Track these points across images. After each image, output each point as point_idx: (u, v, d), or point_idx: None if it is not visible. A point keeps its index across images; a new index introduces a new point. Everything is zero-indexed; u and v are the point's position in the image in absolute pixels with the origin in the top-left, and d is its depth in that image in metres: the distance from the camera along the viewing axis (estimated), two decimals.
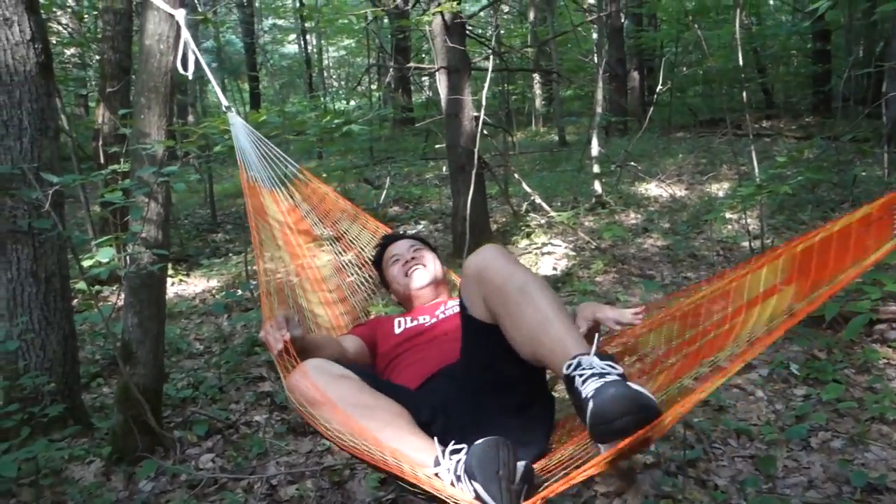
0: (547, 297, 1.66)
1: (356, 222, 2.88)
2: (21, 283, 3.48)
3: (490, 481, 1.40)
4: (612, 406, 1.34)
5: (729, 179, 8.81)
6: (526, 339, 1.66)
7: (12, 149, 3.39)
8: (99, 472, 3.26)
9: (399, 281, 2.53)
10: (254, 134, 2.83)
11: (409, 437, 1.66)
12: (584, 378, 1.44)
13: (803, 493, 2.73)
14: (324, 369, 1.76)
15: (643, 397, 1.35)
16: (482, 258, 1.76)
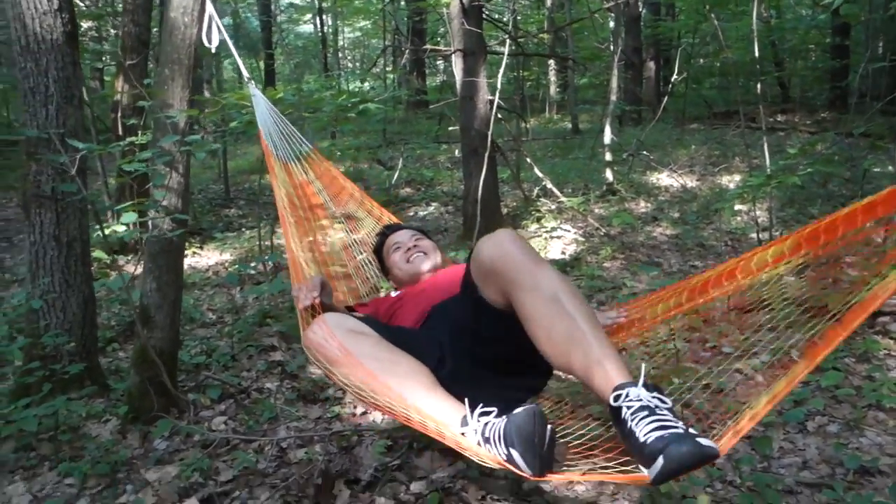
0: (581, 311, 1.64)
1: (362, 207, 2.99)
2: (43, 246, 3.58)
3: (528, 449, 1.47)
4: (683, 463, 1.34)
5: (741, 172, 8.84)
6: (558, 352, 1.65)
7: (38, 115, 3.48)
8: (115, 430, 3.37)
9: (400, 267, 2.62)
10: (272, 108, 2.91)
11: (433, 395, 1.74)
12: (632, 411, 1.45)
13: (797, 473, 2.80)
14: (341, 323, 1.84)
15: (708, 451, 1.35)
16: (501, 249, 1.72)
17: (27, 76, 3.48)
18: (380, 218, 3.07)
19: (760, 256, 1.70)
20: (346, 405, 3.58)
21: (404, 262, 2.61)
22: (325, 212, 3.07)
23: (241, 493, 2.82)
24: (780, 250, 1.65)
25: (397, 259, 2.64)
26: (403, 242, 2.66)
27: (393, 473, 2.91)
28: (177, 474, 2.97)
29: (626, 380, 1.52)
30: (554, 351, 1.65)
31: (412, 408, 1.66)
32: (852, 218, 1.49)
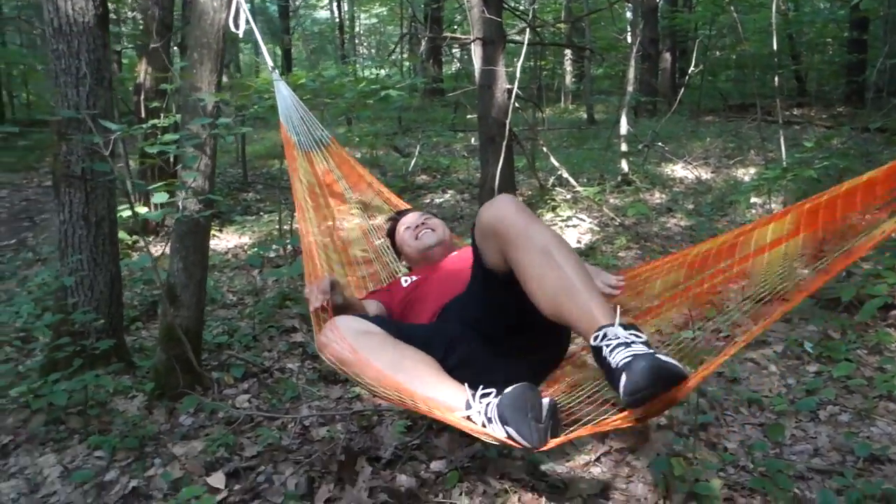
0: (570, 261, 1.74)
1: (379, 196, 3.06)
2: (73, 225, 3.66)
3: (521, 424, 1.56)
4: (644, 377, 1.44)
5: (756, 165, 8.85)
6: (549, 301, 1.74)
7: (70, 96, 3.55)
8: (142, 406, 3.46)
9: (409, 243, 2.76)
10: (294, 97, 2.97)
11: (438, 383, 1.82)
12: (611, 348, 1.55)
13: (808, 460, 2.86)
14: (350, 325, 1.94)
15: (671, 366, 1.46)
16: (498, 211, 1.81)
17: (59, 57, 3.55)
18: (396, 206, 3.14)
19: (760, 233, 1.74)
20: None
21: (413, 239, 2.75)
22: (344, 199, 3.14)
23: (266, 467, 2.90)
24: (780, 230, 1.69)
25: (406, 237, 2.78)
26: (412, 222, 2.80)
27: (413, 452, 2.98)
28: (203, 449, 3.06)
29: (609, 322, 1.62)
30: (545, 300, 1.75)
31: (420, 398, 1.75)
32: (851, 198, 1.54)
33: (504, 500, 2.62)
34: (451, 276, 2.42)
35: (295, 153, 2.85)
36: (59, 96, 3.59)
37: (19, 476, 3.01)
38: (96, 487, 2.88)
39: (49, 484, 2.93)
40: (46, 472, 3.02)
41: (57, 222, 3.73)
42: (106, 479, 2.93)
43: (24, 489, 2.92)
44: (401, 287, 2.59)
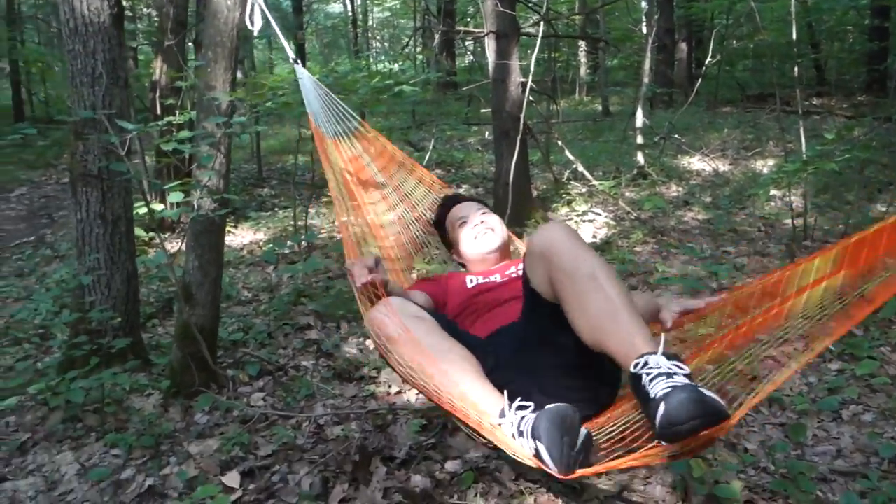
0: (616, 287, 1.68)
1: (412, 175, 2.97)
2: (90, 224, 3.68)
3: (553, 445, 1.48)
4: (682, 411, 1.36)
5: (775, 156, 8.75)
6: (590, 327, 1.69)
7: (87, 96, 3.56)
8: (158, 404, 3.47)
9: (468, 243, 2.56)
10: (318, 86, 2.92)
11: (478, 384, 1.77)
12: (651, 377, 1.48)
13: (831, 462, 2.82)
14: (404, 308, 1.89)
15: (713, 402, 1.38)
16: (550, 237, 1.77)
17: (75, 57, 3.56)
18: (431, 185, 3.01)
19: (805, 269, 1.70)
20: (380, 384, 3.65)
21: (472, 239, 2.55)
22: (375, 185, 3.06)
23: (281, 467, 2.90)
24: (824, 268, 1.66)
25: (464, 235, 2.57)
26: (469, 217, 2.58)
27: (427, 452, 2.97)
28: (218, 448, 3.06)
29: (651, 350, 1.56)
30: (587, 325, 1.69)
31: (458, 394, 1.71)
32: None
33: (520, 501, 2.61)
34: (516, 300, 2.21)
35: (324, 143, 2.78)
36: (75, 96, 3.60)
37: (37, 473, 3.03)
38: (113, 485, 2.89)
39: (66, 482, 2.95)
40: (64, 469, 3.04)
41: (74, 221, 3.74)
42: (122, 477, 2.94)
43: (42, 487, 2.94)
44: (465, 287, 2.43)
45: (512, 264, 2.51)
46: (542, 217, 6.60)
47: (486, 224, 2.56)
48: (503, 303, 2.26)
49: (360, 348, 4.09)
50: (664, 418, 1.39)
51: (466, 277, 2.47)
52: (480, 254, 2.54)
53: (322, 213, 7.51)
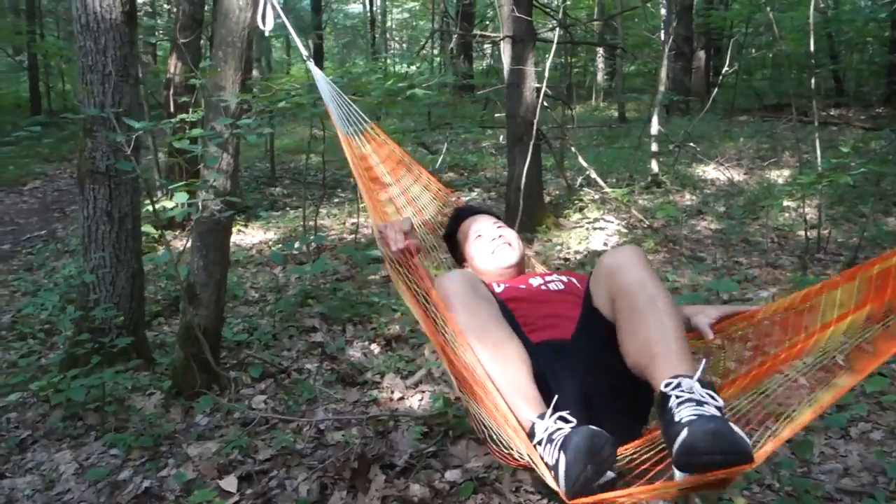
0: (672, 317, 1.65)
1: (418, 182, 2.93)
2: (96, 221, 3.67)
3: (575, 466, 1.38)
4: (705, 441, 1.30)
5: (790, 167, 8.66)
6: (637, 348, 1.65)
7: (96, 93, 3.56)
8: (159, 404, 3.46)
9: (484, 258, 2.42)
10: (330, 84, 2.90)
11: (526, 381, 1.67)
12: (680, 400, 1.43)
13: (838, 480, 2.76)
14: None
15: (739, 440, 1.31)
16: (621, 259, 1.76)
17: (86, 54, 3.56)
18: (436, 193, 2.95)
19: (828, 301, 1.65)
20: (383, 390, 3.62)
21: (488, 254, 2.40)
22: (383, 185, 3.03)
23: (279, 472, 2.88)
24: (848, 301, 1.61)
25: (480, 249, 2.43)
26: (485, 231, 2.45)
27: (428, 460, 2.94)
28: (217, 450, 3.04)
29: (687, 373, 1.50)
30: (635, 346, 1.66)
31: (502, 381, 1.65)
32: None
33: None
34: (551, 314, 2.12)
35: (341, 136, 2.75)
36: (85, 93, 3.59)
37: (35, 472, 3.03)
38: (110, 486, 2.88)
39: (64, 481, 2.94)
40: (62, 468, 3.03)
41: (81, 218, 3.74)
42: (120, 478, 2.93)
43: (40, 485, 2.93)
44: (493, 289, 2.23)
45: (534, 275, 2.39)
46: (553, 223, 6.56)
47: (503, 238, 2.43)
48: (543, 316, 2.12)
49: (364, 352, 4.06)
50: (684, 445, 1.32)
51: (493, 283, 2.31)
52: (498, 268, 2.40)
53: (333, 214, 7.50)
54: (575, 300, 2.13)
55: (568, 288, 2.25)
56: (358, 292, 4.97)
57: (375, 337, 4.26)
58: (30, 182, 9.47)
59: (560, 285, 2.26)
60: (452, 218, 2.65)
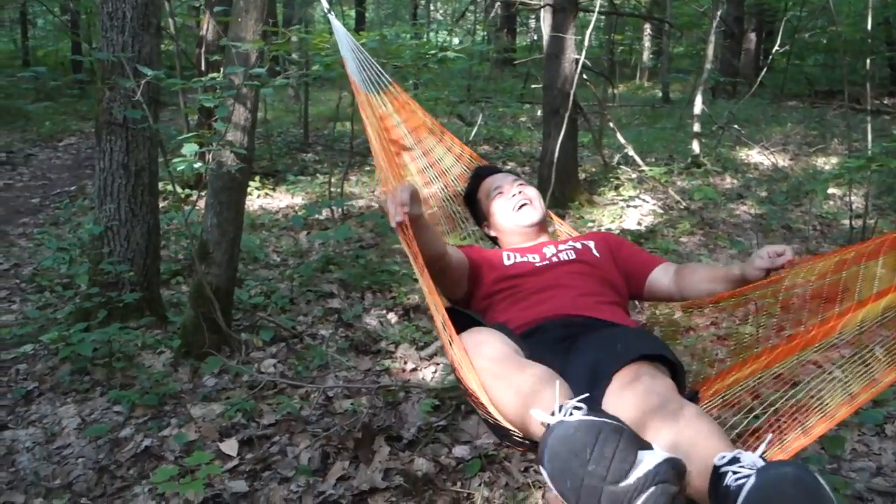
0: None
1: (441, 143, 2.79)
2: (112, 173, 3.60)
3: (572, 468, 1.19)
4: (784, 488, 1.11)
5: (839, 154, 8.33)
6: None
7: (115, 42, 3.46)
8: (168, 363, 3.39)
9: (505, 214, 2.30)
10: (350, 39, 2.76)
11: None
12: (739, 477, 1.18)
13: (869, 479, 2.59)
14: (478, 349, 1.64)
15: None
16: None
17: (106, 0, 3.46)
18: (459, 156, 2.81)
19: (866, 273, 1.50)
20: (396, 360, 3.51)
21: (510, 211, 2.28)
22: (403, 146, 2.90)
23: (282, 438, 2.79)
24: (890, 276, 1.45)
25: (500, 206, 2.31)
26: (505, 187, 2.33)
27: (436, 434, 2.82)
28: (221, 413, 2.96)
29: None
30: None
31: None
32: None
33: (526, 495, 2.44)
34: (560, 286, 2.02)
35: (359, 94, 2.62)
36: (104, 41, 3.51)
37: (38, 424, 2.98)
38: (110, 443, 2.81)
39: (65, 435, 2.89)
40: (64, 422, 2.98)
41: (97, 170, 3.67)
42: (121, 435, 2.86)
43: (41, 438, 2.87)
44: (502, 263, 2.16)
45: (551, 243, 2.27)
46: (586, 200, 6.37)
47: (524, 195, 2.30)
48: (543, 290, 2.03)
49: (381, 321, 3.95)
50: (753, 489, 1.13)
51: (503, 254, 2.22)
52: (519, 226, 2.28)
53: (363, 181, 7.39)
54: (583, 269, 2.07)
55: (579, 255, 2.13)
56: (380, 260, 4.86)
57: (394, 306, 4.15)
58: (65, 139, 9.50)
59: (572, 254, 2.13)
60: (473, 177, 2.53)
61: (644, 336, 1.74)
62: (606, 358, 1.61)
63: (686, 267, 2.12)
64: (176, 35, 6.51)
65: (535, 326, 1.90)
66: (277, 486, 2.53)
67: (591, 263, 2.09)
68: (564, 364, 1.69)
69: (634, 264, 2.17)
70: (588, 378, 1.60)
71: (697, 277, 2.01)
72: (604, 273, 2.08)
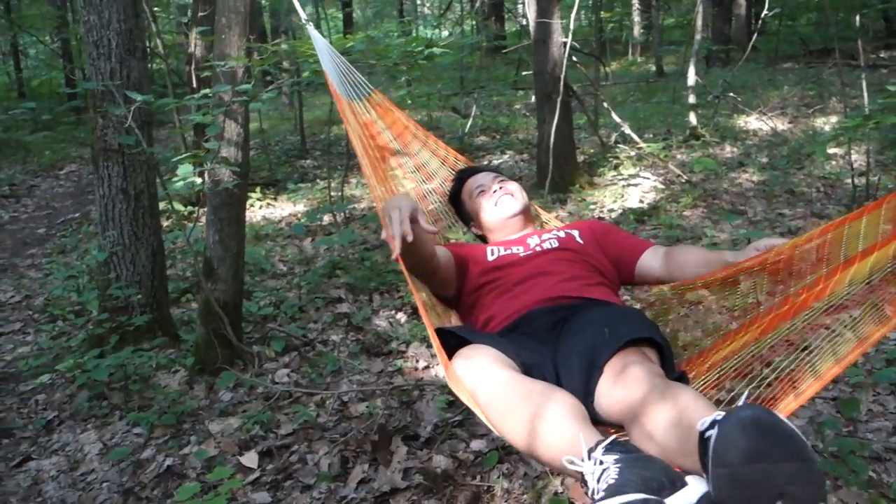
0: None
1: (426, 147, 2.81)
2: (112, 199, 3.63)
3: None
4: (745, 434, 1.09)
5: (837, 113, 8.27)
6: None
7: (102, 69, 3.49)
8: (183, 381, 3.42)
9: (488, 210, 2.35)
10: (330, 48, 2.78)
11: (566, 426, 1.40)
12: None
13: (886, 439, 2.60)
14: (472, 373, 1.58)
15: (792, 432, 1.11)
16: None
17: (91, 29, 3.50)
18: (445, 158, 2.85)
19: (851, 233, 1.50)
20: (408, 359, 3.53)
21: (492, 206, 2.33)
22: (391, 151, 2.93)
23: (300, 446, 2.82)
24: (874, 232, 1.45)
25: (482, 203, 2.36)
26: (486, 184, 2.38)
27: (453, 430, 2.84)
28: (239, 426, 2.99)
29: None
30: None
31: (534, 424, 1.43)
32: None
33: (545, 483, 2.46)
34: (543, 275, 2.02)
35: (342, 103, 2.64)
36: (92, 69, 3.53)
37: (61, 453, 3.02)
38: (133, 465, 2.85)
39: (88, 461, 2.93)
40: (87, 448, 3.02)
41: (97, 197, 3.70)
42: (143, 456, 2.90)
43: (65, 466, 2.92)
44: (485, 259, 2.18)
45: (535, 234, 2.30)
46: (586, 182, 6.37)
47: (504, 190, 2.36)
48: (528, 278, 2.05)
49: (390, 321, 3.98)
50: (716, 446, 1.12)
51: (487, 249, 2.26)
52: (502, 219, 2.33)
53: (363, 183, 7.40)
54: (567, 255, 2.09)
55: (562, 244, 2.15)
56: (386, 261, 4.88)
57: (402, 306, 4.17)
58: (66, 166, 9.56)
59: (555, 242, 2.15)
60: (456, 179, 2.58)
61: (631, 317, 1.75)
62: (595, 346, 1.61)
63: (676, 249, 2.13)
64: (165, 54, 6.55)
65: (522, 316, 1.91)
66: (300, 494, 2.56)
67: (575, 250, 2.11)
68: (556, 353, 1.72)
69: (623, 249, 2.18)
70: (580, 370, 1.61)
71: (689, 260, 2.02)
72: (588, 258, 2.10)
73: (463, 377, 1.55)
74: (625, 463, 1.21)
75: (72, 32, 13.37)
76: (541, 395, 1.44)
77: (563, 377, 1.63)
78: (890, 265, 1.40)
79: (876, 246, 1.39)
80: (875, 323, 1.43)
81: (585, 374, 1.58)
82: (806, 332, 1.63)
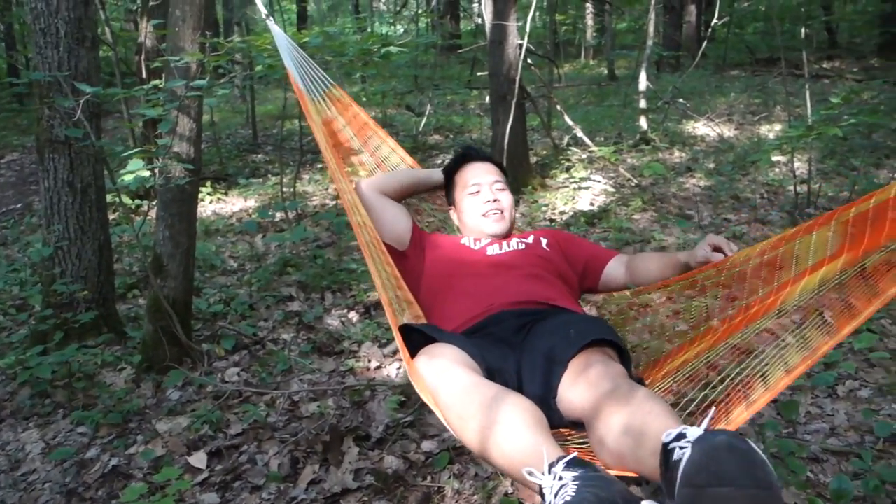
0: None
1: (385, 143, 2.81)
2: (58, 192, 3.54)
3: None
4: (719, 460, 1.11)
5: (782, 121, 8.51)
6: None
7: (50, 58, 3.40)
8: (129, 380, 3.36)
9: (473, 215, 2.31)
10: (292, 44, 2.76)
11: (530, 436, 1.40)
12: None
13: (824, 440, 2.69)
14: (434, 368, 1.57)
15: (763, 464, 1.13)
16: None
17: (38, 17, 3.40)
18: (403, 158, 2.85)
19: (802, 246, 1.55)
20: (360, 359, 3.52)
21: (479, 215, 2.29)
22: (350, 150, 2.91)
23: (250, 446, 2.79)
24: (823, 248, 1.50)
25: (472, 206, 2.31)
26: (483, 187, 2.32)
27: (404, 431, 2.85)
28: (187, 426, 2.95)
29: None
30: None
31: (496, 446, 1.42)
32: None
33: (495, 484, 2.48)
34: (511, 275, 2.05)
35: (304, 99, 2.61)
36: (38, 57, 3.44)
37: (1, 452, 2.93)
38: (76, 465, 2.79)
39: (30, 461, 2.86)
40: (28, 448, 2.94)
41: (42, 189, 3.61)
42: (87, 456, 2.84)
43: (5, 466, 2.84)
44: (457, 244, 2.23)
45: (504, 239, 2.29)
46: (539, 184, 6.43)
47: (498, 204, 2.31)
48: (493, 277, 2.07)
49: (342, 320, 3.96)
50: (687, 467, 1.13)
51: (460, 239, 2.27)
52: (482, 232, 2.30)
53: (315, 180, 7.35)
54: (533, 260, 2.13)
55: (530, 249, 2.19)
56: (338, 259, 4.86)
57: (354, 304, 4.16)
58: (7, 155, 9.27)
59: (522, 246, 2.20)
60: (460, 155, 2.49)
61: (594, 321, 1.82)
62: (560, 345, 1.67)
63: (637, 257, 2.20)
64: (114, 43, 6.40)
65: (490, 317, 1.93)
66: (249, 495, 2.54)
67: (542, 256, 2.15)
68: (521, 353, 1.77)
69: (590, 258, 2.23)
70: (544, 367, 1.66)
71: (648, 266, 2.11)
72: (553, 266, 2.14)
73: (425, 375, 1.54)
74: (583, 481, 1.22)
75: (15, 16, 12.97)
76: (503, 401, 1.44)
77: (526, 377, 1.67)
78: (837, 278, 1.46)
79: (825, 261, 1.44)
80: (817, 328, 1.48)
81: (549, 371, 1.61)
82: (752, 339, 1.69)
